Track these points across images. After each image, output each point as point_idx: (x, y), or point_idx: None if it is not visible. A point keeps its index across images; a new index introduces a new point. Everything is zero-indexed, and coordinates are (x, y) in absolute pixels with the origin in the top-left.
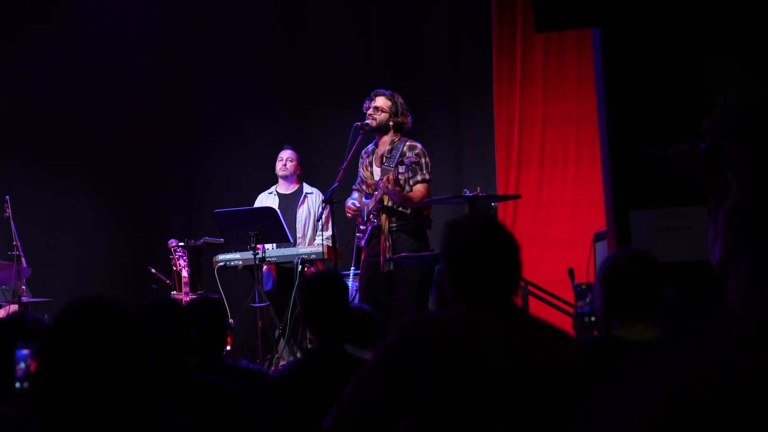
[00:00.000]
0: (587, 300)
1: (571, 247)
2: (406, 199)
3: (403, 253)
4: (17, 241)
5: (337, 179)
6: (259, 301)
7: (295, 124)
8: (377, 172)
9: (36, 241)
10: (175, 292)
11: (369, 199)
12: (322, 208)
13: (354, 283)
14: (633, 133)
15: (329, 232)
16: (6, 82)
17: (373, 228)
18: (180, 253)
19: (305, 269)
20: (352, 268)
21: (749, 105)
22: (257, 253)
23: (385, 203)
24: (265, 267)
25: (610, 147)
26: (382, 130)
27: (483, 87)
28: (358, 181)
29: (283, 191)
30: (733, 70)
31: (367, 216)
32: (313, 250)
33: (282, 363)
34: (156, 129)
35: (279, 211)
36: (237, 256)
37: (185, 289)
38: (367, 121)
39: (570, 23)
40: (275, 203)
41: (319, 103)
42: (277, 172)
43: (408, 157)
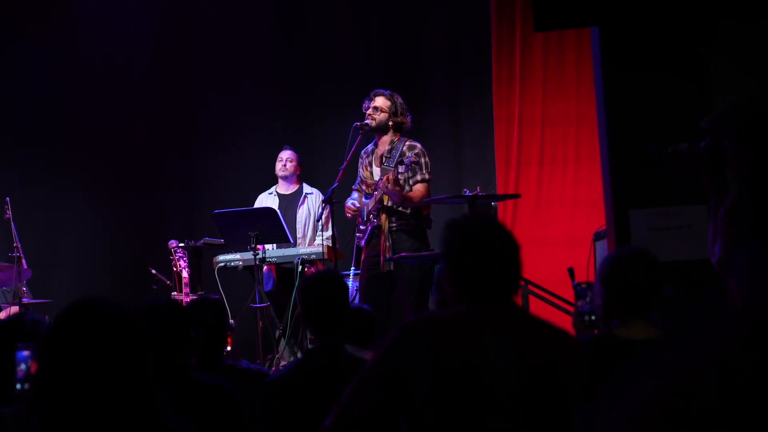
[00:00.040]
0: (587, 299)
1: (572, 246)
2: (406, 198)
3: (403, 253)
4: (18, 243)
5: (337, 179)
6: (260, 302)
7: (295, 124)
8: (377, 172)
9: (36, 242)
10: (175, 293)
11: (369, 199)
12: (322, 209)
13: (354, 283)
14: (632, 133)
15: (329, 233)
16: (6, 82)
17: (373, 228)
18: (180, 254)
19: (305, 269)
20: (352, 268)
21: (749, 104)
22: (257, 254)
23: (385, 203)
24: (265, 267)
25: (610, 146)
26: (382, 130)
27: (482, 87)
28: (357, 181)
29: (283, 191)
30: (733, 69)
31: (367, 216)
32: (313, 250)
33: (283, 363)
34: (156, 129)
35: (279, 211)
36: (237, 256)
37: (185, 289)
38: (366, 121)
39: (569, 22)
40: (275, 204)
41: (319, 103)
42: (277, 172)
43: (407, 157)
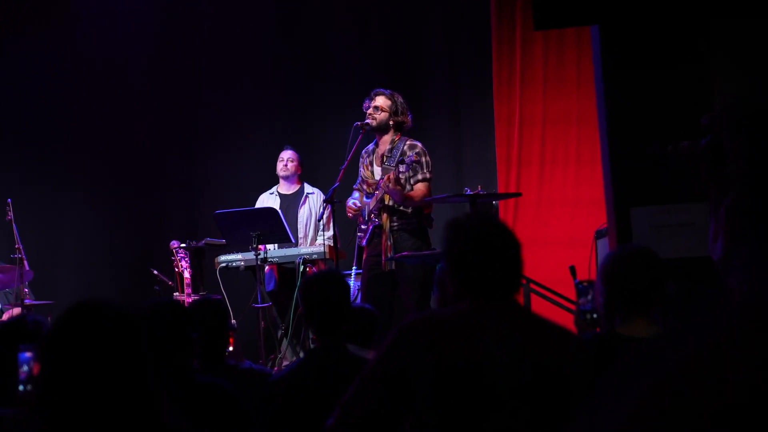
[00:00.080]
0: (589, 297)
1: (573, 246)
2: (407, 198)
3: (405, 252)
4: (19, 244)
5: (338, 179)
6: (262, 302)
7: (295, 124)
8: (378, 171)
9: (36, 242)
10: (177, 294)
11: (370, 199)
12: (323, 208)
13: (356, 283)
14: (633, 131)
15: (331, 232)
16: (6, 82)
17: (375, 227)
18: (182, 255)
19: (307, 269)
20: (354, 267)
21: (749, 101)
22: (259, 254)
23: (386, 202)
24: (267, 267)
25: (611, 144)
26: (383, 129)
27: (483, 86)
28: (358, 181)
29: (284, 191)
30: (733, 67)
31: (368, 215)
32: (314, 250)
33: (285, 363)
34: (156, 129)
35: (280, 211)
36: (239, 256)
37: (187, 290)
38: (367, 120)
39: (569, 21)
40: (276, 204)
41: (319, 103)
42: (278, 172)
43: (408, 156)
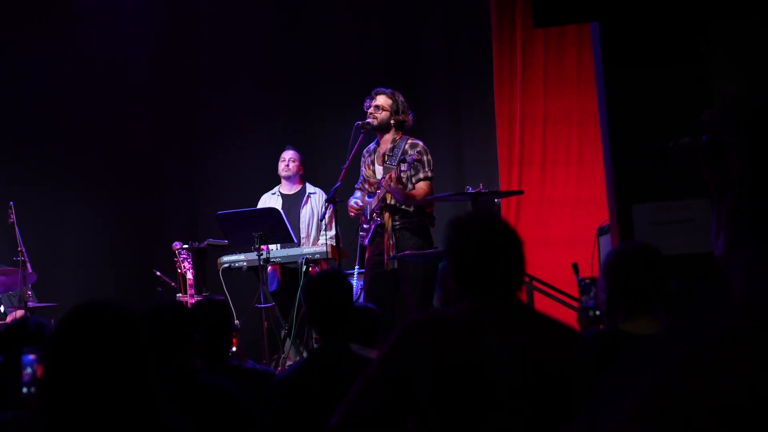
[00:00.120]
0: (591, 294)
1: (574, 246)
2: (409, 197)
3: (407, 251)
4: (22, 247)
5: (340, 178)
6: (265, 302)
7: (295, 124)
8: (379, 170)
9: (37, 243)
10: (180, 295)
11: (372, 198)
12: (325, 208)
13: (358, 282)
14: (634, 128)
15: (333, 232)
16: (6, 82)
17: (377, 226)
18: (184, 256)
19: (310, 269)
20: (356, 266)
21: (750, 98)
22: (261, 254)
23: (388, 201)
24: (269, 267)
25: (612, 141)
26: (384, 128)
27: (483, 86)
28: (360, 180)
29: (286, 191)
30: (733, 64)
31: (370, 215)
32: (317, 249)
33: (288, 363)
34: (156, 129)
35: (282, 211)
36: (241, 257)
37: (190, 291)
38: (368, 119)
39: (569, 18)
40: (278, 204)
41: (319, 103)
42: (279, 172)
43: (410, 155)
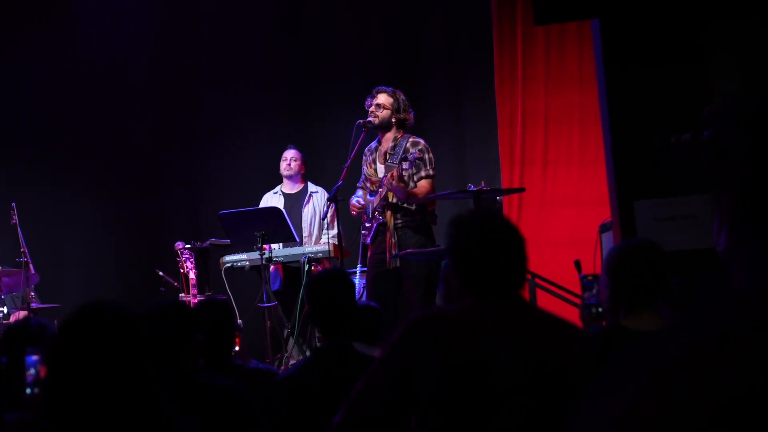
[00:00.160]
0: (594, 291)
1: (577, 245)
2: (411, 195)
3: (409, 249)
4: (24, 248)
5: (341, 177)
6: (267, 301)
7: (296, 124)
8: (381, 169)
9: (39, 244)
10: (183, 295)
11: (373, 197)
12: (327, 207)
13: (361, 281)
14: (635, 124)
15: (335, 231)
16: (6, 83)
17: (379, 225)
18: (187, 255)
19: (312, 268)
20: (359, 265)
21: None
22: (264, 253)
23: (390, 200)
24: (272, 267)
25: (613, 138)
26: (385, 127)
27: (484, 86)
28: (362, 179)
29: (288, 191)
30: (733, 59)
31: (372, 213)
32: (319, 248)
33: (292, 362)
34: (156, 129)
35: (284, 210)
36: (244, 256)
37: (193, 291)
38: (369, 118)
39: (569, 15)
40: (280, 203)
41: (320, 103)
42: (281, 171)
43: (411, 153)
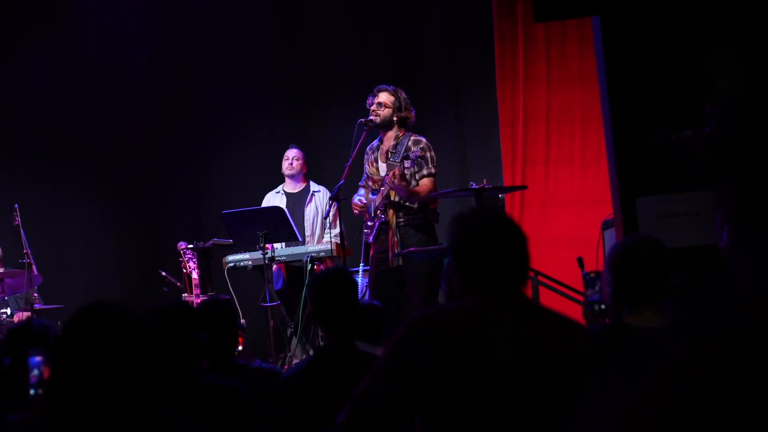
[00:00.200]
0: (597, 288)
1: (579, 245)
2: (413, 193)
3: (412, 248)
4: (27, 249)
5: (343, 176)
6: (270, 301)
7: (296, 123)
8: (383, 167)
9: (41, 245)
10: (186, 295)
11: (375, 195)
12: (330, 206)
13: (364, 280)
14: (637, 121)
15: (337, 230)
16: (6, 83)
17: (381, 224)
18: (189, 255)
19: (315, 267)
20: (361, 264)
21: (750, 95)
22: (266, 253)
23: (392, 198)
24: (274, 266)
25: (615, 135)
26: (386, 125)
27: (484, 85)
28: (363, 178)
29: (290, 190)
30: (734, 55)
31: (374, 212)
32: (321, 247)
33: (295, 361)
34: (156, 129)
35: (287, 210)
36: (246, 256)
37: (196, 291)
38: (370, 117)
39: (570, 12)
40: (283, 202)
41: (320, 103)
42: (283, 171)
43: (413, 152)
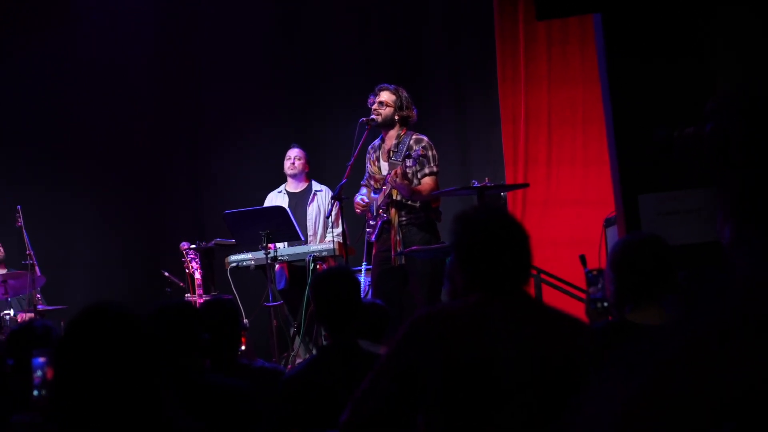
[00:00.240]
0: (599, 286)
1: (581, 245)
2: (415, 192)
3: (414, 247)
4: (30, 250)
5: (345, 175)
6: (273, 300)
7: (296, 123)
8: (384, 166)
9: (44, 245)
10: (188, 295)
11: (377, 194)
12: (332, 205)
13: (366, 279)
14: (638, 118)
15: (339, 229)
16: (6, 83)
17: (383, 222)
18: (192, 256)
19: (317, 266)
20: (364, 263)
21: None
22: (269, 253)
23: (394, 197)
24: (277, 266)
25: (616, 132)
26: (388, 124)
27: (485, 84)
28: (365, 177)
29: (292, 190)
30: (735, 52)
31: (377, 211)
32: (324, 247)
33: (298, 361)
34: (157, 129)
35: (289, 209)
36: (249, 256)
37: (199, 291)
38: (372, 116)
39: (571, 10)
40: (285, 202)
41: (320, 103)
42: (285, 170)
43: (415, 151)
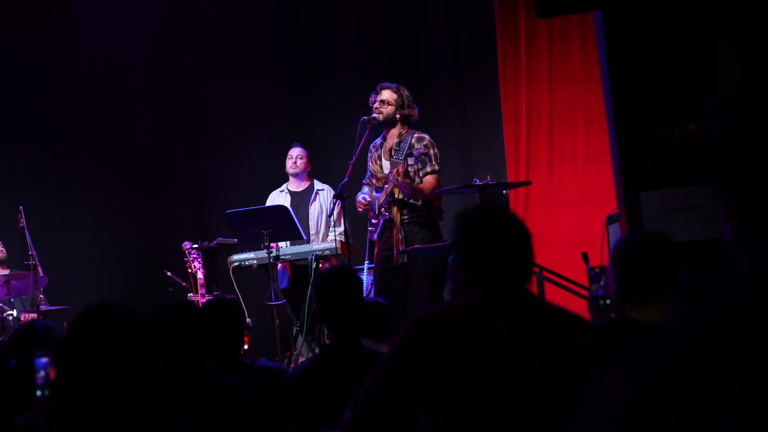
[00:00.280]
0: (601, 283)
1: (583, 244)
2: (417, 190)
3: (416, 245)
4: (33, 251)
5: (347, 174)
6: (276, 300)
7: (296, 123)
8: (386, 165)
9: (46, 246)
10: (191, 294)
11: (379, 193)
12: (334, 204)
13: (369, 277)
14: (640, 115)
15: (342, 228)
16: (6, 83)
17: (385, 221)
18: (194, 255)
19: (319, 265)
20: (366, 262)
21: (750, 93)
22: (271, 252)
23: (396, 196)
24: (279, 265)
25: (618, 130)
26: (390, 123)
27: (486, 83)
28: (367, 176)
29: (294, 189)
30: (736, 49)
31: (379, 209)
32: (326, 246)
33: (301, 360)
34: (157, 129)
35: (291, 208)
36: (251, 255)
37: (201, 290)
38: (373, 115)
39: (571, 7)
40: (287, 201)
41: (320, 103)
42: (287, 170)
43: (416, 149)
